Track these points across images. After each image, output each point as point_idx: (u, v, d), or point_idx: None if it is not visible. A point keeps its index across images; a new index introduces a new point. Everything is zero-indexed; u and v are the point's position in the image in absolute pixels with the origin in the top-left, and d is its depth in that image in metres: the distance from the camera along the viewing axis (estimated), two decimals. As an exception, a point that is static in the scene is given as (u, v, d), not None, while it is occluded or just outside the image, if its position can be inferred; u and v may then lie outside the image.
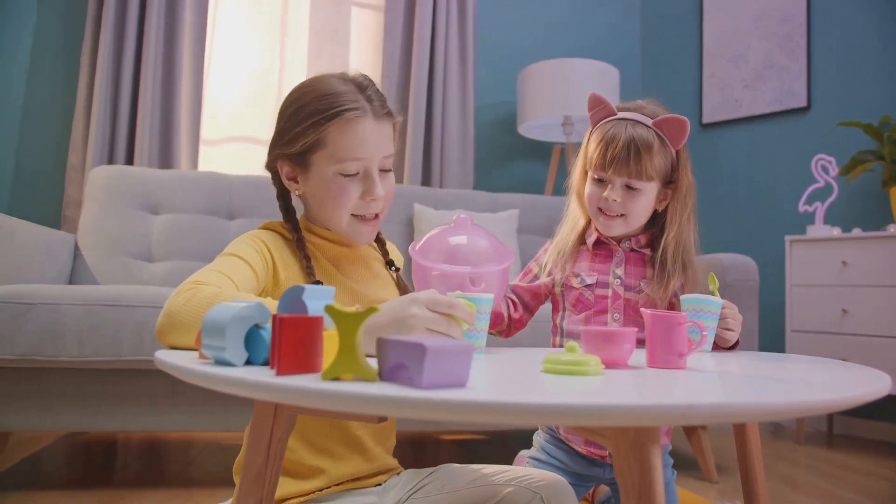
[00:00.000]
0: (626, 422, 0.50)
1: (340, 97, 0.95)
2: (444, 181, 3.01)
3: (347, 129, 0.95)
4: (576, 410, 0.49)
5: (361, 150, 0.96)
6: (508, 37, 3.35)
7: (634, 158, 1.11)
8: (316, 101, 0.96)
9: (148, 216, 2.27)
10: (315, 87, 0.98)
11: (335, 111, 0.94)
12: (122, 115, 2.58)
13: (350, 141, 0.95)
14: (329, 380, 0.57)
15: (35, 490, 1.65)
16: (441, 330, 0.76)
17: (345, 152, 0.95)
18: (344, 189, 0.97)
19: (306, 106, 0.96)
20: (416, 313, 0.76)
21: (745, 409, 0.52)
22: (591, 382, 0.64)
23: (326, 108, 0.95)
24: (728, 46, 3.21)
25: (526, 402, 0.49)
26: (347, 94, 0.96)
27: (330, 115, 0.94)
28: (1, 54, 2.64)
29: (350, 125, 0.95)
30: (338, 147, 0.95)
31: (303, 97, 0.98)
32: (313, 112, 0.95)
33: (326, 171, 0.96)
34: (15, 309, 1.51)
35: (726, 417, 0.52)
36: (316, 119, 0.95)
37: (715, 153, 3.24)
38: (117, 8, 2.61)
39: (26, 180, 2.65)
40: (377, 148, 0.98)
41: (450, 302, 0.77)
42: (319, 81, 0.99)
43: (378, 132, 0.98)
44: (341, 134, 0.95)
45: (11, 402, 1.57)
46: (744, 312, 2.04)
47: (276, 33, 2.99)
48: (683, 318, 0.76)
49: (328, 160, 0.96)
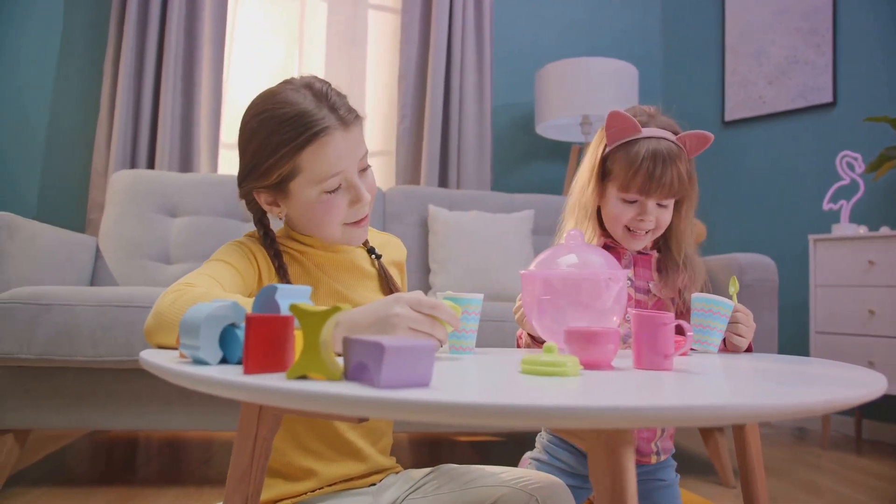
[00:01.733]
0: (583, 423, 0.49)
1: (305, 118, 0.90)
2: (461, 182, 3.00)
3: (321, 152, 0.91)
4: (532, 411, 0.48)
5: (339, 165, 0.93)
6: (526, 36, 3.33)
7: (670, 181, 1.10)
8: (281, 130, 0.90)
9: (166, 219, 2.31)
10: (272, 110, 0.92)
11: (305, 138, 0.90)
12: (143, 120, 2.64)
13: (326, 161, 0.92)
14: (294, 378, 0.57)
15: (54, 486, 1.70)
16: (424, 330, 0.76)
17: (323, 173, 0.92)
18: (331, 205, 0.95)
19: (272, 136, 0.91)
20: (399, 312, 0.75)
21: (709, 411, 0.51)
22: (564, 383, 0.63)
23: (295, 135, 0.90)
24: (750, 42, 3.14)
25: (481, 403, 0.49)
26: (312, 113, 0.91)
27: (300, 142, 0.90)
28: (28, 63, 2.73)
29: (322, 147, 0.91)
30: (315, 170, 0.92)
31: (262, 127, 0.92)
32: (281, 143, 0.90)
33: (309, 194, 0.94)
34: (32, 310, 1.55)
35: (689, 421, 0.51)
36: (286, 149, 0.90)
37: (737, 151, 3.18)
38: (139, 16, 2.67)
39: (53, 185, 2.72)
40: (353, 156, 0.95)
41: (433, 303, 0.77)
42: (276, 102, 0.92)
43: (349, 139, 0.94)
44: (316, 156, 0.91)
45: (30, 401, 1.61)
46: (763, 313, 2.00)
47: (295, 37, 3.03)
48: (669, 319, 0.74)
49: (308, 184, 0.93)
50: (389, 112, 3.12)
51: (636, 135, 1.12)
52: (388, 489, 1.02)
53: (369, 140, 3.10)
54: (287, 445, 0.97)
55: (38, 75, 2.74)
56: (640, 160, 1.10)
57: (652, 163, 1.09)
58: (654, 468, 1.18)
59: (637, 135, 1.12)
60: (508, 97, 3.29)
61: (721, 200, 3.22)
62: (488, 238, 2.42)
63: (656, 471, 1.18)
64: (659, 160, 1.10)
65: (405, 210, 2.55)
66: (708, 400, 0.54)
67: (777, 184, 3.03)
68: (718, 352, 1.11)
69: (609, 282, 0.89)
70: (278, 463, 0.96)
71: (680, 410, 0.50)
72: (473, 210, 2.53)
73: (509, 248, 2.42)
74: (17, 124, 2.71)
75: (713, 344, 0.99)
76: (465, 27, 3.06)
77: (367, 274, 1.09)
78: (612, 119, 1.14)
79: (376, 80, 3.13)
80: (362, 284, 1.07)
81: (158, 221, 2.29)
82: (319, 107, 0.91)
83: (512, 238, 2.45)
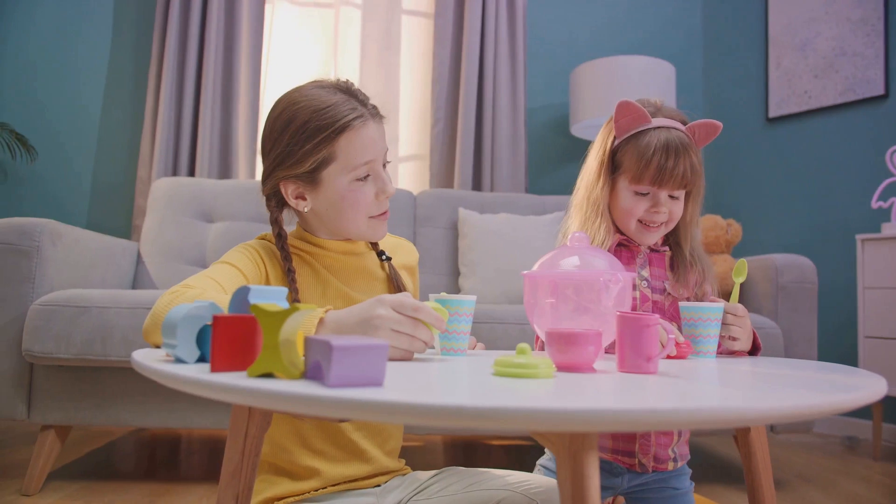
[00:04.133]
0: (524, 426, 0.48)
1: (339, 107, 0.95)
2: (494, 185, 3.00)
3: (355, 138, 0.95)
4: (476, 413, 0.48)
5: (370, 153, 0.97)
6: (559, 36, 3.30)
7: (683, 171, 1.07)
8: (317, 117, 0.94)
9: (204, 224, 2.39)
10: (306, 103, 0.96)
11: (342, 123, 0.94)
12: (184, 130, 2.74)
13: (360, 147, 0.96)
14: (255, 376, 0.58)
15: (94, 480, 1.78)
16: (405, 331, 0.76)
17: (357, 159, 0.96)
18: (359, 195, 0.98)
19: (307, 124, 0.95)
20: (382, 314, 0.76)
21: (669, 414, 0.49)
22: (532, 385, 0.62)
23: (331, 122, 0.94)
24: (795, 34, 3.02)
25: (423, 404, 0.49)
26: (344, 104, 0.96)
27: (337, 128, 0.94)
28: (79, 78, 2.87)
29: (357, 133, 0.95)
30: (349, 156, 0.96)
31: (298, 115, 0.95)
32: (318, 129, 0.94)
33: (341, 182, 0.97)
34: (71, 311, 1.63)
35: (650, 425, 0.49)
36: (324, 135, 0.94)
37: (781, 149, 3.05)
38: (179, 31, 2.78)
39: (101, 193, 2.86)
40: (381, 148, 1.00)
41: (416, 305, 0.77)
42: (307, 96, 0.97)
43: (379, 132, 1.00)
44: (351, 143, 0.95)
45: (69, 399, 1.69)
46: (801, 316, 1.92)
47: (330, 44, 3.08)
48: (653, 321, 0.72)
49: (340, 171, 0.96)
50: (423, 116, 3.14)
51: (646, 125, 1.10)
52: (393, 490, 1.03)
53: (404, 144, 3.13)
54: (293, 444, 0.99)
55: (88, 91, 2.88)
56: (651, 150, 1.07)
57: (664, 153, 1.07)
58: (668, 476, 1.14)
59: (647, 125, 1.10)
60: (543, 98, 3.26)
61: (763, 200, 3.11)
62: (518, 240, 2.40)
63: (670, 479, 1.14)
64: (672, 150, 1.07)
65: (436, 213, 2.56)
66: (669, 404, 0.52)
67: (823, 182, 2.90)
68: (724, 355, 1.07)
69: (609, 283, 0.88)
70: (283, 461, 0.98)
71: (623, 414, 0.48)
72: (503, 213, 2.52)
73: (539, 251, 2.36)
74: (69, 138, 2.86)
75: (709, 352, 0.96)
76: (498, 29, 3.06)
77: (376, 277, 1.10)
78: (621, 110, 1.11)
79: (410, 84, 3.16)
80: (371, 287, 1.08)
81: (196, 226, 2.37)
82: (350, 100, 0.97)
83: (542, 240, 2.42)
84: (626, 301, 0.90)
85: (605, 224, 1.13)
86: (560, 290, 0.89)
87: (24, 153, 2.73)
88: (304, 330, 0.79)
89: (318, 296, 1.03)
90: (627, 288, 0.90)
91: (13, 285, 1.68)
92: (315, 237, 1.05)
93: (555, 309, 0.89)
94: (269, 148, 1.00)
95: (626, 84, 2.74)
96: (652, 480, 1.13)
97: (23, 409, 1.69)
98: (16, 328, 1.67)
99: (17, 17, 2.85)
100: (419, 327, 0.77)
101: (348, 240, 1.06)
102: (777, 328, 1.86)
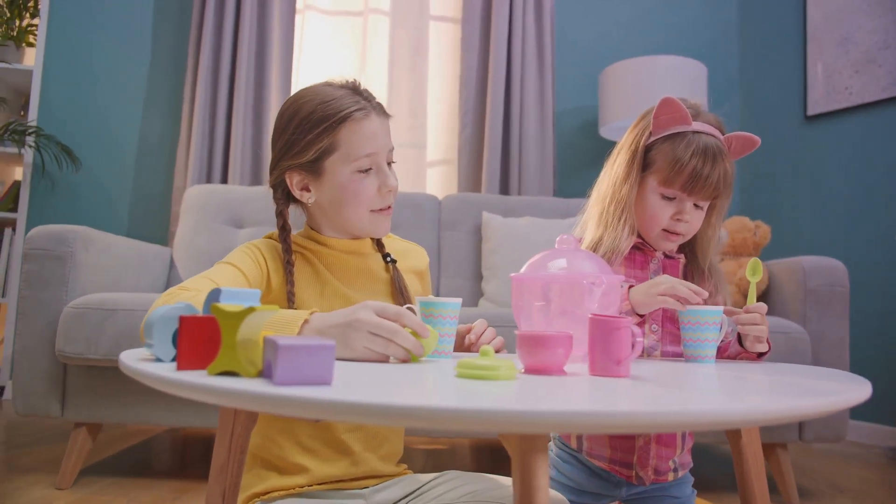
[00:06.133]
0: (464, 426, 0.48)
1: (343, 100, 0.99)
2: (522, 189, 2.99)
3: (357, 129, 0.99)
4: (406, 412, 0.49)
5: (373, 145, 1.00)
6: (588, 37, 3.27)
7: (717, 181, 1.05)
8: (321, 108, 0.99)
9: (233, 230, 2.46)
10: (312, 96, 1.01)
11: (344, 114, 0.98)
12: (217, 139, 2.83)
13: (362, 138, 0.99)
14: (215, 374, 0.61)
15: (124, 477, 1.85)
16: (383, 335, 0.78)
17: (358, 150, 0.99)
18: (361, 186, 1.01)
19: (312, 114, 0.99)
20: (362, 318, 0.78)
21: (610, 417, 0.48)
22: (489, 387, 0.62)
23: (334, 112, 0.98)
24: (835, 28, 2.91)
25: (362, 402, 0.49)
26: (348, 97, 1.00)
27: (340, 118, 0.98)
28: (120, 92, 3.01)
29: (359, 124, 0.99)
30: (351, 147, 0.99)
31: (303, 107, 1.01)
32: (322, 118, 0.99)
33: (342, 172, 1.00)
34: (100, 314, 1.71)
35: (583, 427, 0.49)
36: (327, 124, 0.99)
37: (819, 148, 2.95)
38: (213, 44, 2.88)
39: (141, 201, 2.98)
40: (384, 142, 1.02)
41: (397, 311, 0.79)
42: (314, 92, 1.02)
43: (383, 127, 1.03)
44: (353, 134, 0.99)
45: (99, 398, 1.77)
46: (831, 321, 1.85)
47: (358, 52, 3.14)
48: (623, 324, 0.72)
49: (342, 161, 1.00)
50: (451, 121, 3.16)
51: (685, 127, 1.06)
52: (383, 491, 1.03)
53: (432, 149, 3.15)
54: (284, 440, 1.01)
55: (128, 104, 3.01)
56: (689, 154, 1.04)
57: (702, 159, 1.04)
58: (668, 485, 1.12)
59: (686, 127, 1.06)
60: (572, 101, 3.24)
61: (799, 201, 3.00)
62: (541, 244, 2.37)
63: (670, 487, 1.12)
64: (709, 157, 1.04)
65: (460, 217, 2.57)
66: (614, 406, 0.52)
67: (863, 182, 2.78)
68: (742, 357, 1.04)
69: (592, 286, 0.87)
70: (273, 456, 1.00)
71: (565, 416, 0.48)
72: (527, 216, 2.51)
73: (563, 254, 2.37)
74: (112, 149, 2.99)
75: (708, 356, 0.94)
76: (526, 32, 3.05)
77: (379, 279, 1.11)
78: (664, 106, 1.07)
79: (438, 89, 3.18)
80: (371, 288, 1.09)
81: (226, 232, 2.44)
82: (354, 95, 1.01)
83: (566, 243, 2.40)
84: (612, 304, 0.89)
85: (629, 225, 1.10)
86: (544, 293, 0.89)
87: (70, 163, 2.87)
88: (288, 330, 0.82)
89: (316, 295, 1.06)
90: (614, 291, 0.89)
91: (49, 289, 1.77)
92: (320, 235, 1.07)
93: (539, 311, 0.89)
94: (276, 139, 1.05)
95: (657, 85, 2.70)
96: (651, 489, 1.11)
97: (57, 407, 1.77)
98: (51, 330, 1.76)
99: (64, 37, 3.00)
100: (398, 333, 0.78)
101: (354, 239, 1.08)
102: (805, 333, 1.79)
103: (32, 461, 1.94)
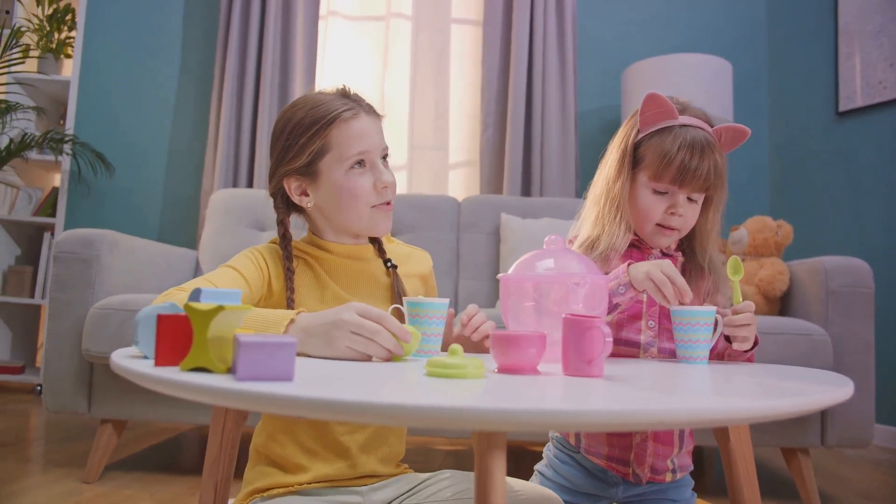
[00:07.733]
0: (424, 422, 0.49)
1: (332, 103, 1.03)
2: (544, 190, 2.98)
3: (347, 128, 1.02)
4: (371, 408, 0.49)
5: (364, 143, 1.03)
6: (610, 35, 3.24)
7: (706, 173, 1.05)
8: (312, 113, 1.03)
9: (256, 233, 2.52)
10: (303, 104, 1.06)
11: (333, 115, 1.02)
12: (243, 144, 2.91)
13: (353, 137, 1.03)
14: (187, 370, 0.63)
15: (146, 472, 1.91)
16: (364, 335, 0.80)
17: (350, 149, 1.02)
18: (357, 183, 1.04)
19: (303, 119, 1.03)
20: (346, 318, 0.80)
21: (571, 416, 0.49)
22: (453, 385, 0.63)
23: (324, 114, 1.02)
24: (868, 20, 2.82)
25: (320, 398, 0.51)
26: (337, 100, 1.04)
27: (329, 119, 1.02)
28: (151, 100, 3.11)
29: (349, 124, 1.02)
30: (343, 146, 1.02)
31: (295, 114, 1.05)
32: (312, 122, 1.03)
33: (337, 172, 1.03)
34: (121, 315, 1.77)
35: (543, 425, 0.50)
36: (318, 127, 1.02)
37: (852, 145, 2.85)
38: (239, 53, 2.96)
39: (172, 205, 3.08)
40: (376, 141, 1.05)
41: (379, 313, 0.81)
42: (305, 99, 1.07)
43: (374, 126, 1.06)
44: (343, 134, 1.02)
45: (123, 396, 1.83)
46: (855, 323, 1.79)
47: (381, 55, 3.17)
48: (595, 324, 0.72)
49: (336, 161, 1.03)
50: (473, 122, 3.17)
51: (672, 121, 1.07)
52: (381, 490, 1.05)
53: (454, 151, 3.17)
54: (285, 438, 1.03)
55: (159, 111, 3.12)
56: (677, 147, 1.05)
57: (689, 152, 1.04)
58: (666, 487, 1.11)
59: (673, 121, 1.07)
60: (595, 101, 3.22)
61: (829, 200, 2.91)
62: (559, 245, 2.38)
63: (668, 490, 1.11)
64: (697, 149, 1.04)
65: (479, 219, 2.58)
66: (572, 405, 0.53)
67: (898, 178, 2.69)
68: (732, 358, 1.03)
69: (576, 287, 0.87)
70: (276, 455, 1.03)
71: (525, 414, 0.48)
72: (546, 217, 2.50)
73: (581, 255, 2.35)
74: (143, 155, 3.10)
75: (700, 357, 0.93)
76: (547, 33, 3.04)
77: (379, 283, 1.13)
78: (649, 102, 1.08)
79: (460, 91, 3.20)
80: (370, 293, 1.11)
81: (248, 235, 2.50)
82: (343, 98, 1.05)
83: (584, 244, 2.39)
84: (599, 304, 0.89)
85: (625, 222, 1.10)
86: (529, 293, 0.89)
87: (104, 170, 2.98)
88: (274, 329, 0.84)
89: (316, 299, 1.08)
90: (600, 291, 0.89)
91: (77, 291, 1.85)
92: (322, 240, 1.10)
93: (525, 311, 0.89)
94: (272, 148, 1.08)
95: (681, 83, 2.66)
96: (649, 491, 1.10)
97: (84, 404, 1.84)
98: (78, 330, 1.83)
99: (100, 49, 3.12)
100: (379, 333, 0.80)
101: (356, 241, 1.10)
102: (826, 335, 1.75)
103: (62, 456, 2.02)
